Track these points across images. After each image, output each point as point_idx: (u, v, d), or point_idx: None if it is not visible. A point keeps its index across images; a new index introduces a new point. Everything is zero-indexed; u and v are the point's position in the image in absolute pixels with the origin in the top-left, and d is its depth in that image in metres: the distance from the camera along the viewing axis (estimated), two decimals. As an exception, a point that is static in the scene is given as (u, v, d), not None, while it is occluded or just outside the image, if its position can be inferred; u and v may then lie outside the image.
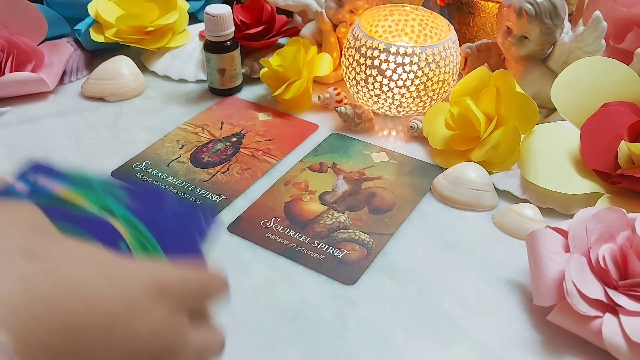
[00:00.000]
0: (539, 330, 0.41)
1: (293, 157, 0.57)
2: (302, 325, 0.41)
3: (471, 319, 0.42)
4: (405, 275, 0.45)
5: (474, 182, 0.51)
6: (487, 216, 0.51)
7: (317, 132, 0.61)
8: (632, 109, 0.52)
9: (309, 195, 0.53)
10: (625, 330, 0.37)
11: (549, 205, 0.51)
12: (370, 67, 0.58)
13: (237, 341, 0.39)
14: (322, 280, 0.44)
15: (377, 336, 0.40)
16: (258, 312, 0.42)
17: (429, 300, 0.43)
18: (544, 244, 0.42)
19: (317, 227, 0.49)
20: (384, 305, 0.43)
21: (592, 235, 0.41)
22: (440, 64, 0.58)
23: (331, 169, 0.56)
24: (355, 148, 0.59)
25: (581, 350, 0.39)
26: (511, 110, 0.53)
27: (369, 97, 0.60)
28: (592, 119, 0.52)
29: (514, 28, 0.58)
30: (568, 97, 0.54)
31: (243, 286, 0.44)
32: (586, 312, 0.38)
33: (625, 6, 0.64)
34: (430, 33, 0.64)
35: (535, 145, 0.53)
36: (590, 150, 0.51)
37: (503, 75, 0.54)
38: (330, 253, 0.46)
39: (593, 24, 0.56)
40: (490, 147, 0.53)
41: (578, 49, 0.57)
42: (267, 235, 0.48)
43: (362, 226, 0.49)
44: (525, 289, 0.44)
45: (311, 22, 0.68)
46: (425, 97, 0.59)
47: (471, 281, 0.45)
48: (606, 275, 0.39)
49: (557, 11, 0.56)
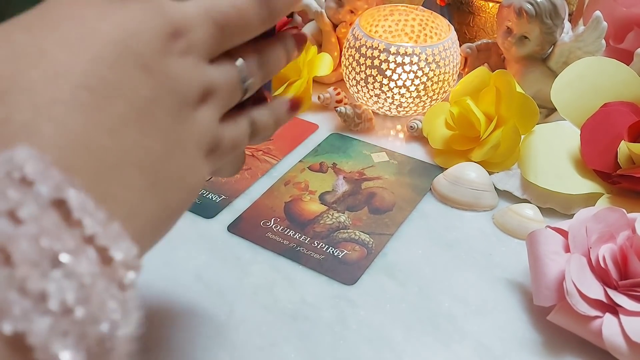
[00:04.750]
0: (539, 330, 0.41)
1: (293, 157, 0.57)
2: (302, 325, 0.41)
3: (471, 319, 0.42)
4: (405, 275, 0.45)
5: (474, 182, 0.51)
6: (487, 216, 0.51)
7: (317, 132, 0.61)
8: (632, 109, 0.52)
9: (309, 195, 0.53)
10: (625, 330, 0.37)
11: (549, 205, 0.51)
12: (370, 67, 0.58)
13: (237, 341, 0.39)
14: (322, 280, 0.44)
15: (377, 336, 0.40)
16: (258, 312, 0.42)
17: (429, 300, 0.43)
18: (544, 244, 0.42)
19: (317, 227, 0.49)
20: (384, 305, 0.43)
21: (592, 235, 0.41)
22: (440, 64, 0.58)
23: (331, 169, 0.56)
24: (355, 148, 0.59)
25: (581, 350, 0.39)
26: (511, 110, 0.53)
27: (369, 97, 0.60)
28: (592, 119, 0.52)
29: (514, 28, 0.58)
30: (568, 97, 0.54)
31: (243, 286, 0.44)
32: (586, 312, 0.38)
33: (625, 6, 0.64)
34: (430, 33, 0.64)
35: (536, 145, 0.53)
36: (590, 150, 0.51)
37: (503, 75, 0.54)
38: (330, 253, 0.46)
39: (593, 24, 0.56)
40: (490, 147, 0.53)
41: (578, 49, 0.57)
42: (267, 235, 0.48)
43: (362, 226, 0.49)
44: (525, 289, 0.44)
45: (311, 22, 0.68)
46: (425, 97, 0.59)
47: (471, 281, 0.45)
48: (606, 275, 0.39)
49: (557, 11, 0.56)
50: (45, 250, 0.18)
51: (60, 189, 0.19)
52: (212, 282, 0.44)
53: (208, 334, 0.40)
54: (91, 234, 0.19)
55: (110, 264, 0.19)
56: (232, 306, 0.42)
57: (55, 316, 0.17)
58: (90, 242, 0.19)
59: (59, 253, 0.18)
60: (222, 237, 0.48)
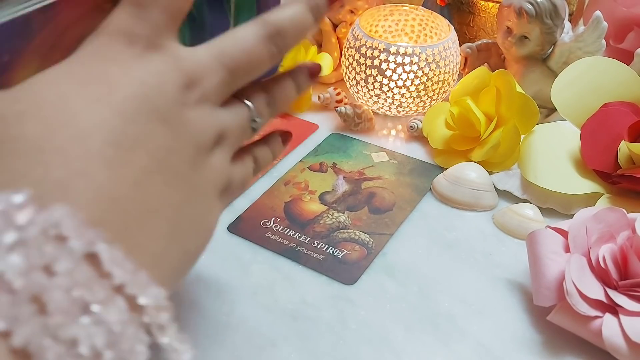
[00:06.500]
0: (539, 330, 0.41)
1: (293, 157, 0.57)
2: (302, 325, 0.41)
3: (471, 318, 0.42)
4: (405, 275, 0.45)
5: (474, 182, 0.51)
6: (487, 216, 0.51)
7: (317, 132, 0.61)
8: (632, 109, 0.52)
9: (309, 195, 0.53)
10: (625, 330, 0.37)
11: (549, 205, 0.51)
12: (370, 67, 0.58)
13: (237, 341, 0.39)
14: (322, 280, 0.44)
15: (377, 336, 0.40)
16: (258, 311, 0.42)
17: (429, 300, 0.43)
18: (544, 244, 0.42)
19: (317, 227, 0.49)
20: (384, 305, 0.43)
21: (592, 235, 0.41)
22: (440, 64, 0.58)
23: (331, 168, 0.56)
24: (355, 148, 0.59)
25: (581, 350, 0.39)
26: (511, 110, 0.53)
27: (369, 97, 0.60)
28: (592, 119, 0.52)
29: (514, 28, 0.58)
30: (568, 97, 0.54)
31: (243, 286, 0.43)
32: (586, 312, 0.38)
33: (626, 6, 0.64)
34: (430, 33, 0.64)
35: (536, 145, 0.53)
36: (590, 150, 0.51)
37: (503, 75, 0.54)
38: (330, 253, 0.46)
39: (593, 24, 0.56)
40: (490, 147, 0.53)
41: (578, 49, 0.57)
42: (267, 235, 0.48)
43: (362, 226, 0.49)
44: (525, 289, 0.44)
45: (311, 22, 0.68)
46: (425, 97, 0.59)
47: (471, 281, 0.45)
48: (606, 275, 0.39)
49: (557, 11, 0.56)
50: (77, 300, 0.19)
51: (92, 243, 0.21)
52: (212, 282, 0.44)
53: (208, 333, 0.40)
54: (120, 283, 0.21)
55: (139, 310, 0.21)
56: (232, 306, 0.42)
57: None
58: (120, 291, 0.21)
59: (90, 303, 0.20)
60: (222, 237, 0.48)
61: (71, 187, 0.21)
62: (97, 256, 0.21)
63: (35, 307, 0.19)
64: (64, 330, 0.19)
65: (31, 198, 0.20)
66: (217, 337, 0.40)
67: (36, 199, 0.20)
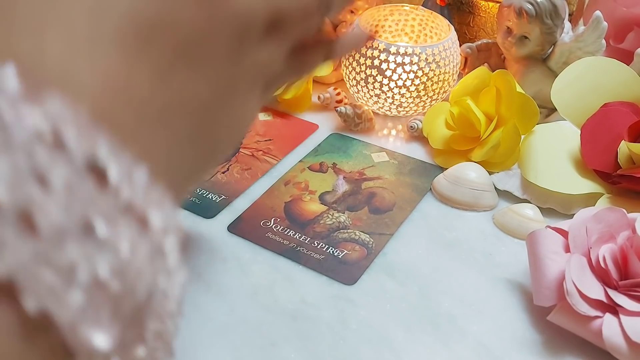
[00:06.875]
0: (539, 330, 0.41)
1: (293, 157, 0.57)
2: (302, 325, 0.41)
3: (471, 319, 0.42)
4: (405, 275, 0.45)
5: (474, 182, 0.51)
6: (487, 216, 0.51)
7: (317, 132, 0.61)
8: (632, 109, 0.52)
9: (309, 195, 0.53)
10: (626, 330, 0.37)
11: (549, 205, 0.51)
12: (370, 67, 0.58)
13: (237, 341, 0.39)
14: (322, 280, 0.44)
15: (377, 336, 0.40)
16: (258, 311, 0.42)
17: (429, 300, 0.43)
18: (544, 244, 0.42)
19: (317, 227, 0.49)
20: (384, 305, 0.43)
21: (592, 235, 0.41)
22: (440, 64, 0.58)
23: (331, 169, 0.56)
24: (355, 148, 0.59)
25: (581, 350, 0.39)
26: (511, 110, 0.53)
27: (369, 97, 0.60)
28: (592, 119, 0.52)
29: (514, 28, 0.58)
30: (568, 97, 0.54)
31: (243, 286, 0.43)
32: (586, 312, 0.38)
33: (626, 6, 0.64)
34: (430, 33, 0.64)
35: (536, 145, 0.53)
36: (590, 150, 0.51)
37: (503, 75, 0.54)
38: (330, 253, 0.46)
39: (593, 24, 0.56)
40: (490, 147, 0.53)
41: (578, 49, 0.57)
42: (267, 235, 0.48)
43: (362, 226, 0.49)
44: (525, 289, 0.44)
45: (311, 22, 0.68)
46: (425, 97, 0.59)
47: (471, 281, 0.45)
48: (606, 275, 0.39)
49: (557, 11, 0.56)
50: (77, 219, 0.15)
51: (96, 147, 0.16)
52: (212, 282, 0.44)
53: (208, 333, 0.40)
54: (130, 198, 0.17)
55: (149, 231, 0.17)
56: (232, 306, 0.42)
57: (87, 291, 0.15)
58: (129, 209, 0.17)
59: (92, 221, 0.16)
60: (222, 237, 0.48)
61: (72, 69, 0.17)
62: (102, 165, 0.16)
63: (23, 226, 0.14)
64: (59, 254, 0.15)
65: (19, 77, 0.15)
66: (217, 337, 0.40)
67: (25, 79, 0.16)
